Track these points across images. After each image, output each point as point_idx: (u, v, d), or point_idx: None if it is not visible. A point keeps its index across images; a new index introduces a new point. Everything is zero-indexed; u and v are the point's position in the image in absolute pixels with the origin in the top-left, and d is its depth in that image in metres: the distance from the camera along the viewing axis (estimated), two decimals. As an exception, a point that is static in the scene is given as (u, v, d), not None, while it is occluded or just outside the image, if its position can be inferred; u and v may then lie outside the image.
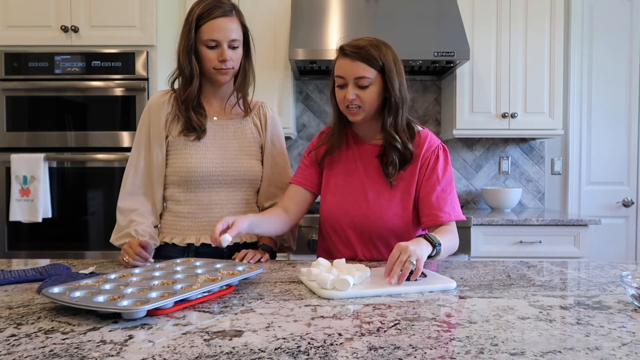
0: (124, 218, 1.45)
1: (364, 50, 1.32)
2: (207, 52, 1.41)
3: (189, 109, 1.46)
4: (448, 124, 3.08)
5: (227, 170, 1.48)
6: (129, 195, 1.48)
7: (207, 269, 1.16)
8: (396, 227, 1.41)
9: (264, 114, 1.58)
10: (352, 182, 1.45)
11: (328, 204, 1.48)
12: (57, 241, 2.54)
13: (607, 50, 3.27)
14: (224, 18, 1.39)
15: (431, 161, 1.42)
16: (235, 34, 1.42)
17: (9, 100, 2.52)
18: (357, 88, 1.34)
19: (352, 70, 1.33)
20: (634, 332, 0.82)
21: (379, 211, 1.41)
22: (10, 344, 0.76)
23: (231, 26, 1.40)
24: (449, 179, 1.43)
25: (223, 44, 1.40)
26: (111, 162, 2.52)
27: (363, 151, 1.47)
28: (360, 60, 1.32)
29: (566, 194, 3.33)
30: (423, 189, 1.41)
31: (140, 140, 1.51)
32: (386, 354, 0.71)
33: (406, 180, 1.41)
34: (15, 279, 1.17)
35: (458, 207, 1.42)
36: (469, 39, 2.82)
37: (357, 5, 2.80)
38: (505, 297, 1.04)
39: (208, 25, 1.39)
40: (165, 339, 0.78)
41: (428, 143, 1.43)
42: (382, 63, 1.33)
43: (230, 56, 1.41)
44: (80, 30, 2.51)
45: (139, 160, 1.49)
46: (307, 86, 3.28)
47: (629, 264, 1.41)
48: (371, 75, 1.33)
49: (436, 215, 1.38)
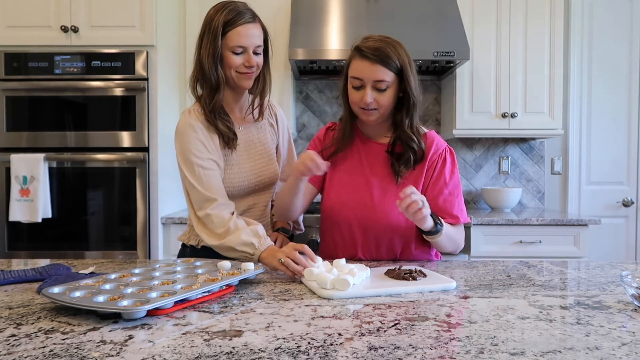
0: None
1: (383, 52, 1.31)
2: (233, 58, 1.39)
3: (218, 119, 1.42)
4: (448, 124, 3.08)
5: (262, 179, 1.51)
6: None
7: (207, 269, 1.16)
8: (400, 226, 1.41)
9: (274, 113, 1.61)
10: (358, 179, 1.45)
11: (332, 201, 1.47)
12: (57, 241, 2.54)
13: (607, 50, 3.27)
14: (250, 24, 1.39)
15: (438, 164, 1.42)
16: (260, 39, 1.42)
17: (9, 100, 2.52)
18: (375, 91, 1.34)
19: (372, 73, 1.32)
20: (634, 332, 0.82)
21: (383, 210, 1.41)
22: (10, 344, 0.76)
23: (256, 32, 1.40)
24: (456, 182, 1.43)
25: (250, 49, 1.39)
26: (111, 162, 2.52)
27: (370, 149, 1.47)
28: (379, 63, 1.31)
29: (566, 193, 3.33)
30: (430, 192, 1.41)
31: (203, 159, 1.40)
32: (386, 354, 0.71)
33: (414, 180, 1.42)
34: (15, 279, 1.17)
35: (464, 210, 1.44)
36: (469, 38, 2.82)
37: (357, 5, 2.80)
38: (505, 297, 1.04)
39: (235, 32, 1.37)
40: (165, 339, 0.78)
41: (435, 145, 1.43)
42: (399, 65, 1.33)
43: (256, 61, 1.41)
44: (80, 30, 2.51)
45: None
46: (307, 86, 3.28)
47: (629, 264, 1.41)
48: (390, 78, 1.33)
49: (443, 218, 1.38)
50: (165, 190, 2.61)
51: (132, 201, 2.52)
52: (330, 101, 3.29)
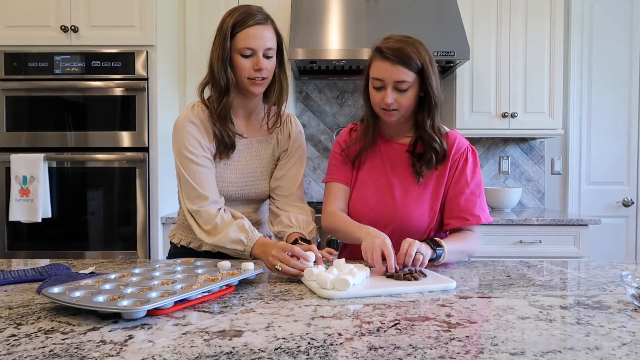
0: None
1: (403, 53, 1.31)
2: (242, 61, 1.36)
3: (224, 123, 1.40)
4: (448, 124, 3.04)
5: (245, 194, 1.48)
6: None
7: (207, 269, 1.16)
8: (421, 226, 1.41)
9: (287, 130, 1.52)
10: (379, 179, 1.45)
11: (354, 200, 1.47)
12: (57, 241, 2.54)
13: (607, 50, 3.27)
14: (260, 26, 1.36)
15: (460, 163, 1.42)
16: (271, 42, 1.38)
17: (9, 100, 2.52)
18: (396, 91, 1.33)
19: (393, 74, 1.31)
20: (634, 332, 0.82)
21: (405, 210, 1.41)
22: (10, 344, 0.76)
23: (267, 34, 1.37)
24: (477, 182, 1.43)
25: (259, 52, 1.36)
26: (111, 162, 2.52)
27: (391, 149, 1.46)
28: (400, 64, 1.30)
29: (566, 193, 3.33)
30: (451, 191, 1.41)
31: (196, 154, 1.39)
32: (386, 354, 0.71)
33: (435, 180, 1.42)
34: (15, 279, 1.16)
35: (486, 210, 1.43)
36: (469, 38, 2.82)
37: (357, 5, 2.80)
38: (505, 297, 1.04)
39: (244, 33, 1.34)
40: (165, 339, 0.78)
41: (457, 145, 1.43)
42: (420, 65, 1.32)
43: (265, 65, 1.37)
44: (80, 30, 2.51)
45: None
46: (307, 86, 3.28)
47: (629, 264, 1.41)
48: (410, 79, 1.32)
49: (464, 218, 1.39)
50: (165, 190, 2.61)
51: (132, 201, 2.52)
52: (330, 101, 3.29)
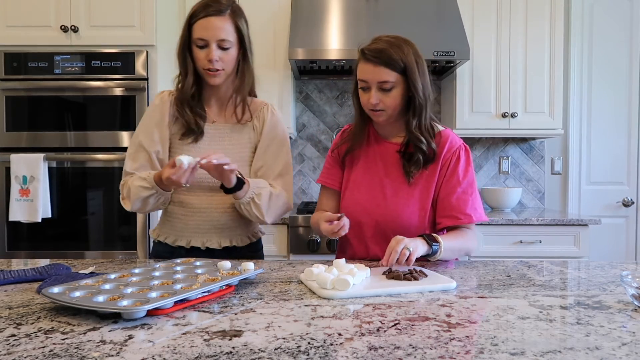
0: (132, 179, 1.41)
1: (384, 53, 1.31)
2: (197, 51, 1.39)
3: (186, 108, 1.43)
4: (448, 124, 3.07)
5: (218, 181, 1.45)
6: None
7: (207, 269, 1.16)
8: (412, 225, 1.41)
9: (262, 118, 1.52)
10: (372, 179, 1.46)
11: (346, 200, 1.48)
12: (57, 241, 2.54)
13: (607, 50, 3.27)
14: (215, 17, 1.36)
15: (452, 162, 1.42)
16: (226, 33, 1.37)
17: (9, 100, 2.52)
18: (381, 92, 1.34)
19: (375, 75, 1.33)
20: (634, 332, 0.82)
21: (396, 209, 1.41)
22: (10, 344, 0.75)
23: (221, 25, 1.36)
24: (470, 180, 1.42)
25: (211, 43, 1.36)
26: (111, 162, 2.52)
27: (384, 149, 1.47)
28: (381, 64, 1.31)
29: (566, 193, 3.33)
30: (443, 190, 1.41)
31: (147, 133, 1.46)
32: (386, 354, 0.71)
33: (426, 179, 1.42)
34: (15, 279, 1.16)
35: (480, 209, 1.42)
36: (469, 38, 2.82)
37: (357, 5, 2.80)
38: (505, 297, 1.04)
39: (199, 24, 1.37)
40: (165, 339, 0.78)
41: (449, 144, 1.43)
42: (403, 64, 1.32)
43: (220, 57, 1.37)
44: (79, 30, 2.51)
45: (141, 154, 1.45)
46: (307, 86, 3.28)
47: (629, 264, 1.41)
48: (393, 78, 1.33)
49: (455, 217, 1.39)
50: (165, 190, 2.61)
51: (132, 201, 2.52)
52: (330, 101, 3.29)
